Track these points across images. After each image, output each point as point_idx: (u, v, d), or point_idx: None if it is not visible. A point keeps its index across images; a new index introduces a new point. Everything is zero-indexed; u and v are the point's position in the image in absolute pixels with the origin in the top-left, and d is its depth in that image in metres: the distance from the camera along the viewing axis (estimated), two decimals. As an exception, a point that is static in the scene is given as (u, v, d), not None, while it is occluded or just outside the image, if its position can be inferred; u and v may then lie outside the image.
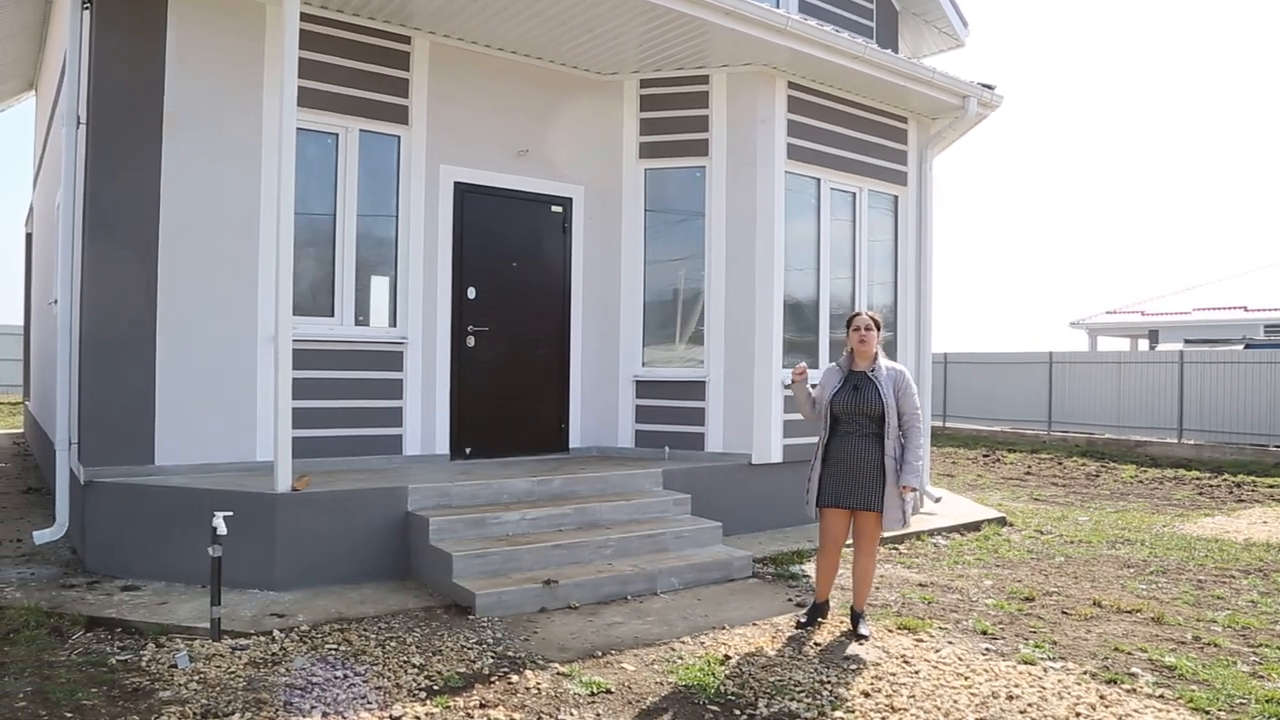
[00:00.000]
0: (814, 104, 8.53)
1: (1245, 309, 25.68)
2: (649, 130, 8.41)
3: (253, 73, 6.69)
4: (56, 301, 8.43)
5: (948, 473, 14.18)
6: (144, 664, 4.67)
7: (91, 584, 5.91)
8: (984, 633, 5.54)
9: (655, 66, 8.25)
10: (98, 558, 6.12)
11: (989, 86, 9.10)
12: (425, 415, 7.52)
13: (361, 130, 7.23)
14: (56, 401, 6.42)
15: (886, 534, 6.44)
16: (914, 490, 5.36)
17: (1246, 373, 15.53)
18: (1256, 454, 15.07)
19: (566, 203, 8.34)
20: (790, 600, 6.15)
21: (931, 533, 8.41)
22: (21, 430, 16.16)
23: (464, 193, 7.74)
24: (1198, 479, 13.64)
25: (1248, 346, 18.93)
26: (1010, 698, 4.49)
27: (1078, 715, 4.30)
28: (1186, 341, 21.79)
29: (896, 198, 9.37)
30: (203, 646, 4.89)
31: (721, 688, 4.57)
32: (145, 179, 6.33)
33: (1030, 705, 4.40)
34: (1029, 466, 15.04)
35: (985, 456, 16.46)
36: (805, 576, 6.75)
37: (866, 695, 4.50)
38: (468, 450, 7.79)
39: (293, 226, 5.86)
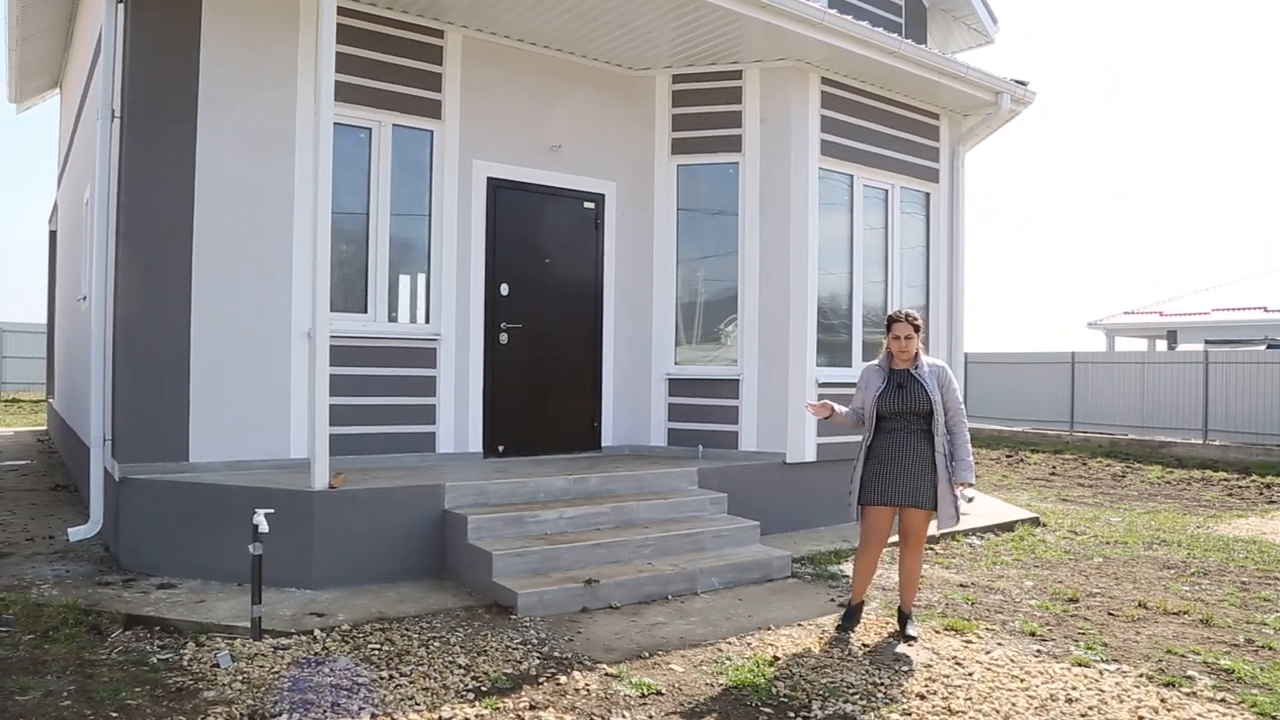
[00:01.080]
0: (847, 100, 8.44)
1: (1265, 309, 25.43)
2: (681, 126, 8.33)
3: (286, 65, 6.64)
4: (86, 298, 8.40)
5: (972, 473, 14.02)
6: (185, 663, 4.61)
7: (127, 581, 5.87)
8: (1032, 634, 5.45)
9: (688, 61, 8.17)
10: (132, 555, 6.07)
11: (1022, 82, 9.00)
12: (459, 412, 7.45)
13: (395, 125, 7.17)
14: (91, 398, 6.38)
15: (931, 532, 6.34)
16: (970, 485, 5.26)
17: (1273, 373, 15.36)
18: (1283, 455, 14.90)
19: (599, 199, 8.27)
20: (833, 601, 6.06)
21: (966, 533, 8.31)
22: (45, 428, 16.18)
23: (497, 188, 7.68)
24: (1225, 480, 13.48)
25: (1270, 346, 18.76)
26: (1070, 700, 4.40)
27: (1140, 719, 4.21)
28: (1207, 342, 21.59)
29: (928, 195, 9.27)
30: (244, 646, 4.83)
31: (773, 689, 4.49)
32: (180, 172, 6.28)
33: (1091, 709, 4.30)
34: (1053, 467, 14.90)
35: (1008, 457, 16.33)
36: (845, 577, 6.66)
37: (922, 697, 4.42)
38: (500, 448, 7.73)
39: (330, 221, 5.79)
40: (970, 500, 5.42)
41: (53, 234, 14.99)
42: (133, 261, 6.18)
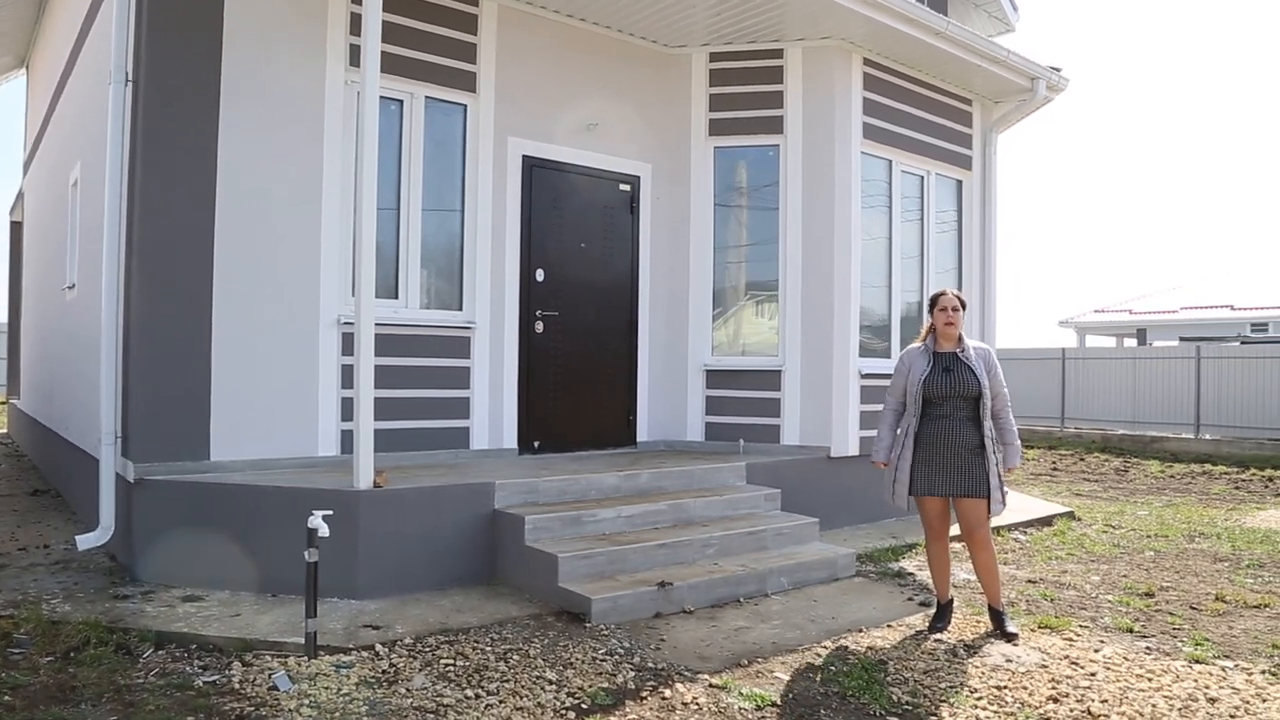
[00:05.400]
0: (888, 82, 8.15)
1: (1231, 308, 25.94)
2: (719, 106, 7.96)
3: (315, 31, 6.13)
4: (74, 286, 7.76)
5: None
6: (236, 685, 4.10)
7: (146, 594, 5.31)
8: (1130, 631, 5.18)
9: (726, 39, 7.80)
10: (149, 564, 5.51)
11: (1056, 69, 8.80)
12: (493, 406, 6.98)
13: (428, 97, 6.68)
14: (101, 394, 5.77)
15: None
16: (1017, 468, 4.95)
17: (1263, 368, 15.48)
18: (1276, 449, 14.98)
19: (634, 181, 7.85)
20: (910, 600, 5.74)
21: (1010, 527, 8.07)
22: (5, 430, 15.19)
23: (532, 167, 7.22)
24: (1226, 473, 13.51)
25: (1243, 343, 18.99)
26: (1211, 700, 4.13)
27: (1295, 720, 3.93)
28: (1181, 339, 21.84)
29: (960, 182, 9.03)
30: (299, 664, 4.33)
31: (893, 696, 4.14)
32: (202, 145, 5.73)
33: (1237, 709, 4.03)
34: (1053, 462, 14.83)
35: (1002, 453, 16.23)
36: (910, 574, 6.36)
37: (1055, 701, 4.10)
38: (536, 444, 7.27)
39: (375, 193, 5.30)
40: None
41: (15, 225, 14.09)
42: (148, 243, 5.61)
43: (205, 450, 5.78)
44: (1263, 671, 4.52)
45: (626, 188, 7.82)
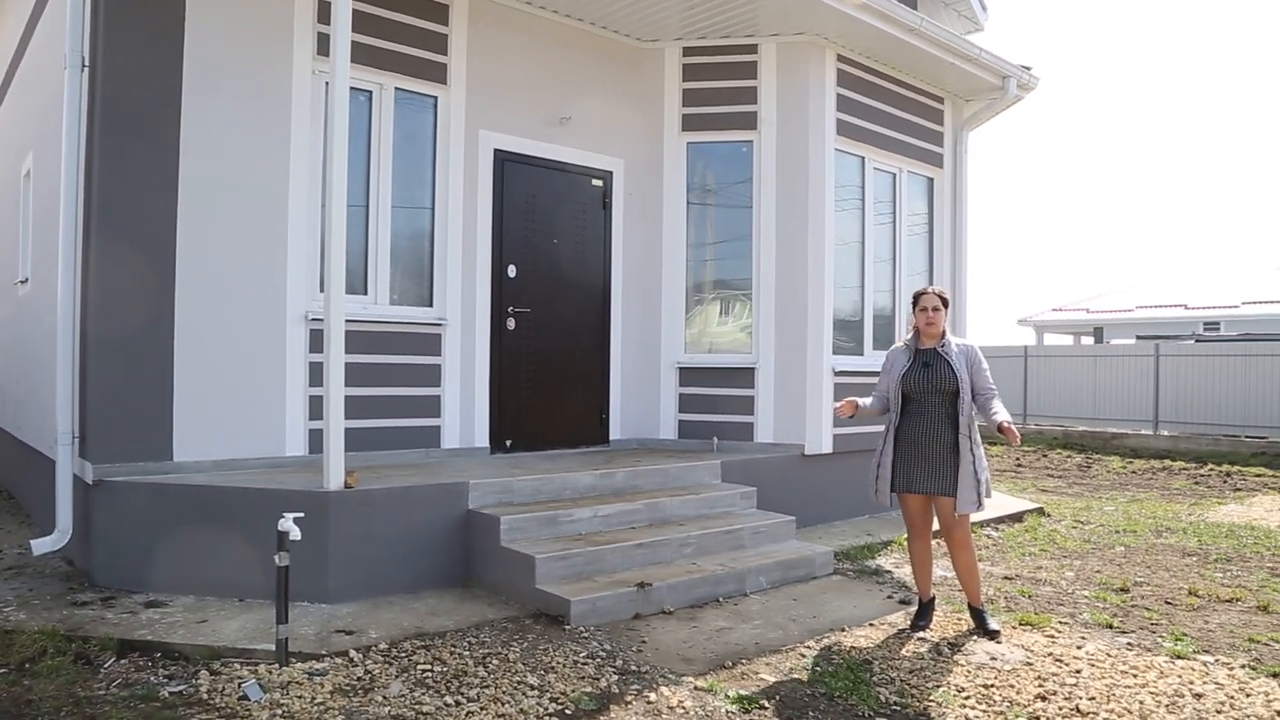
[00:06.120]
0: (861, 79, 8.12)
1: (1185, 307, 26.47)
2: (692, 102, 7.87)
3: (282, 17, 5.94)
4: (27, 281, 7.48)
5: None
6: (204, 695, 3.94)
7: (106, 600, 5.10)
8: (1110, 627, 5.20)
9: (700, 33, 7.72)
10: (108, 569, 5.30)
11: (1027, 68, 8.85)
12: (464, 404, 6.83)
13: (398, 89, 6.51)
14: (57, 392, 5.53)
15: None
16: (1010, 424, 4.83)
17: (1220, 365, 15.79)
18: (1232, 445, 15.32)
19: (607, 176, 7.74)
20: (890, 598, 5.71)
21: (982, 524, 8.11)
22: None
23: (504, 161, 7.08)
24: (1185, 469, 13.73)
25: (1197, 341, 19.38)
26: (1197, 696, 4.13)
27: (1278, 715, 3.94)
28: (1139, 338, 22.24)
29: (932, 180, 9.04)
30: (270, 672, 4.17)
31: (881, 697, 4.09)
32: (164, 133, 5.51)
33: (1222, 705, 4.03)
34: (1017, 459, 14.99)
35: (967, 450, 16.37)
36: (887, 572, 6.33)
37: (1043, 699, 4.07)
38: (508, 443, 7.13)
39: (345, 182, 5.14)
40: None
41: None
42: (107, 235, 5.38)
43: (168, 450, 5.57)
44: (1242, 666, 4.55)
45: (599, 183, 7.71)
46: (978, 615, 5.10)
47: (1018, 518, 8.63)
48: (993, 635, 4.94)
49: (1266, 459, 14.44)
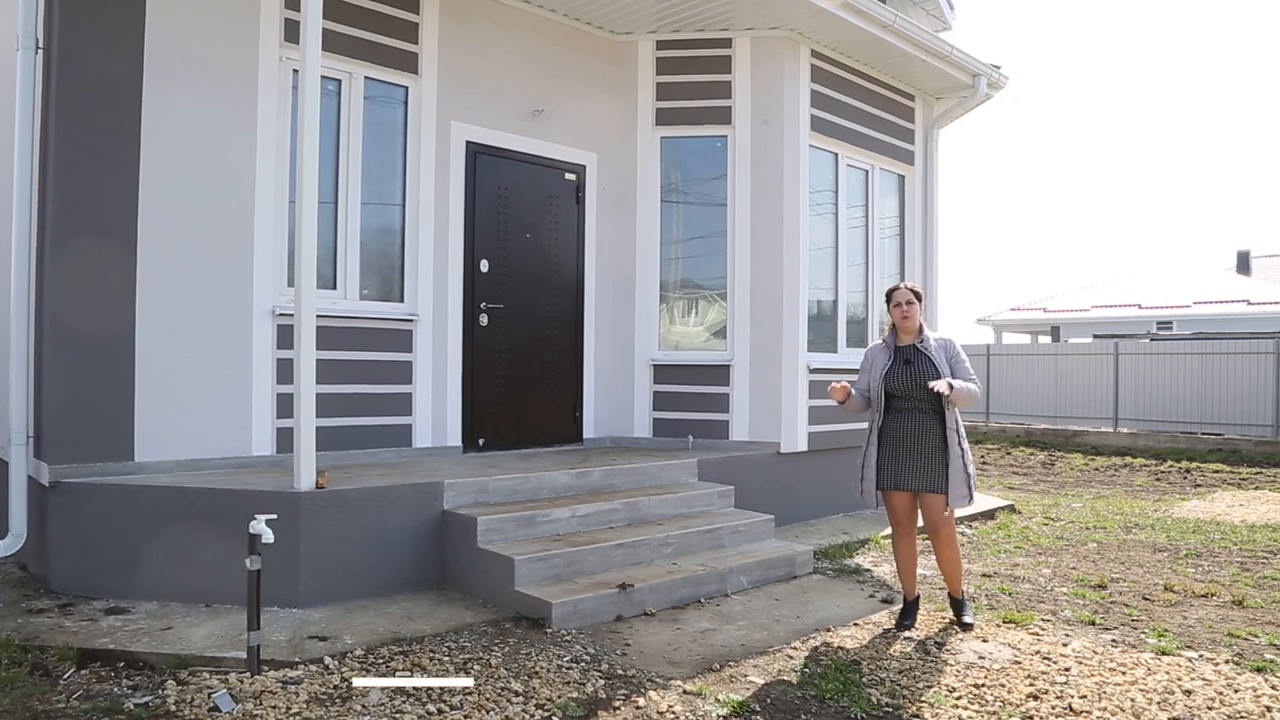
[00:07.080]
0: (834, 75, 8.09)
1: (1140, 306, 27.01)
2: (666, 96, 7.78)
3: (249, 3, 5.72)
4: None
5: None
6: (172, 707, 3.75)
7: (64, 607, 4.87)
8: (1092, 623, 5.20)
9: (674, 26, 7.62)
10: (66, 574, 5.07)
11: (997, 66, 8.89)
12: (436, 402, 6.66)
13: (367, 78, 6.32)
14: (10, 390, 5.27)
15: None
16: (973, 387, 4.83)
17: (1177, 364, 16.09)
18: (1189, 441, 15.61)
19: (580, 170, 7.61)
20: (873, 597, 5.66)
21: (957, 521, 8.08)
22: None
23: (476, 153, 6.92)
24: (1146, 466, 13.96)
25: (1152, 340, 19.76)
26: (1187, 692, 4.11)
27: (1268, 710, 3.94)
28: (1095, 336, 22.62)
29: (903, 178, 9.04)
30: (241, 681, 3.99)
31: (872, 698, 4.02)
32: (125, 119, 5.28)
33: (1213, 700, 4.02)
34: (981, 456, 15.12)
35: (932, 448, 16.49)
36: (867, 570, 6.29)
37: (1035, 698, 4.03)
38: (481, 441, 6.98)
39: (316, 170, 4.96)
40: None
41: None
42: (64, 225, 5.13)
43: (129, 450, 5.34)
44: (1227, 661, 4.55)
45: (572, 177, 7.58)
46: (957, 605, 5.13)
47: (989, 515, 8.66)
48: (966, 627, 4.98)
49: (1223, 455, 14.73)
